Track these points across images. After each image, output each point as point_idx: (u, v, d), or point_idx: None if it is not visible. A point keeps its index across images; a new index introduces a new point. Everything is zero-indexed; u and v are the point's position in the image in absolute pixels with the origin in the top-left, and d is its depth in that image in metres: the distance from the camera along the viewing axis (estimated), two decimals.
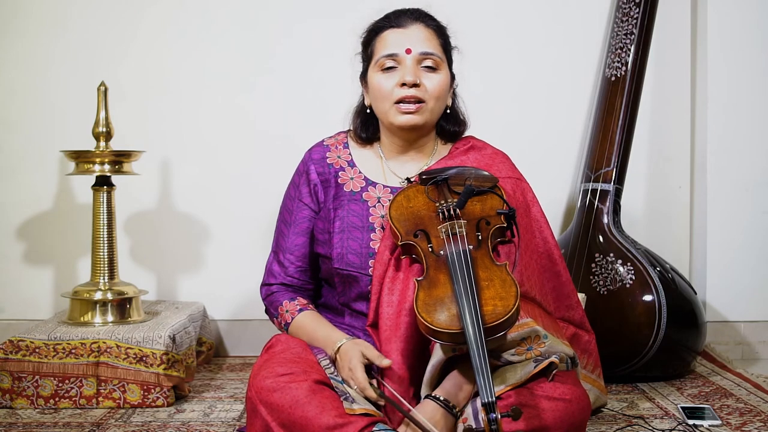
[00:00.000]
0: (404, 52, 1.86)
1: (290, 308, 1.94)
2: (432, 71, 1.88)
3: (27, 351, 2.24)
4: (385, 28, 1.91)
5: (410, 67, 1.86)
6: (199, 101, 2.87)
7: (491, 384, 1.42)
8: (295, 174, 2.04)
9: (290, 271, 1.98)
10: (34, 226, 2.87)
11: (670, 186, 2.94)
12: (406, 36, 1.88)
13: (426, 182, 1.84)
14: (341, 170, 1.98)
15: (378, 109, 1.92)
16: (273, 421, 1.66)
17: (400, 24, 1.90)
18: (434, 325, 1.55)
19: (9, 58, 2.85)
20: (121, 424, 2.09)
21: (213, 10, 2.86)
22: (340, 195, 1.96)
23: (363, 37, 1.98)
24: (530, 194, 1.96)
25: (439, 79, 1.88)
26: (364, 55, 1.98)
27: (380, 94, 1.89)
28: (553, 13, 2.90)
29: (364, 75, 1.97)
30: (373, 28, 1.95)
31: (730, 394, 2.29)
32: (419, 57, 1.87)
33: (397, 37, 1.88)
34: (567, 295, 1.99)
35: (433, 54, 1.88)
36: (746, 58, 2.81)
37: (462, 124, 2.00)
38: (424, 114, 1.88)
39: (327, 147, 2.01)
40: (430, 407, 1.63)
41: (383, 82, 1.88)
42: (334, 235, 1.92)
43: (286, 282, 1.99)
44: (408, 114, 1.87)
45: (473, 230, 1.71)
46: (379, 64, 1.89)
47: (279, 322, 1.97)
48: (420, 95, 1.86)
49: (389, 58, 1.87)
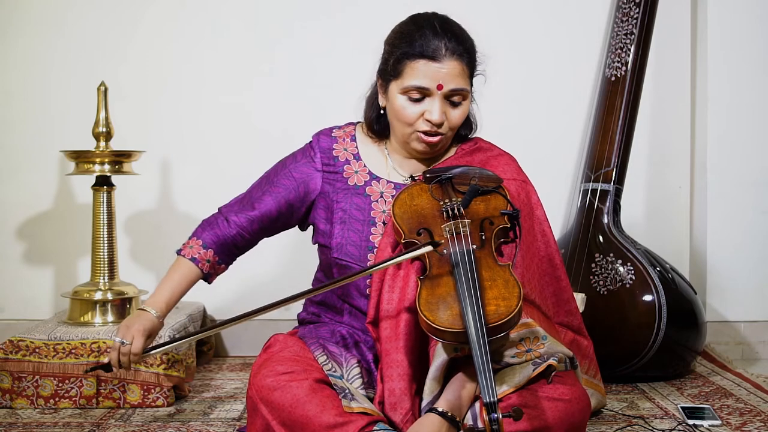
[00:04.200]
0: (436, 88, 1.82)
1: (193, 245, 2.01)
2: (457, 105, 1.86)
3: (27, 351, 2.23)
4: (419, 57, 1.81)
5: (438, 105, 1.82)
6: (199, 101, 2.87)
7: (493, 384, 1.42)
8: (299, 151, 2.02)
9: (241, 218, 1.99)
10: (34, 226, 2.87)
11: (670, 186, 2.95)
12: (439, 72, 1.81)
13: (430, 181, 1.84)
14: (346, 163, 1.98)
15: (396, 127, 1.91)
16: (273, 420, 1.66)
17: (435, 56, 1.80)
18: (436, 324, 1.55)
19: (9, 58, 2.85)
20: (121, 424, 2.09)
21: (213, 10, 2.86)
22: (343, 187, 1.96)
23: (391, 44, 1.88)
24: (534, 197, 1.96)
25: (461, 113, 1.87)
26: (389, 65, 1.87)
27: (403, 119, 1.86)
28: (553, 13, 2.90)
29: (385, 79, 1.89)
30: (404, 51, 1.83)
31: (730, 394, 2.29)
32: (449, 92, 1.83)
33: (429, 70, 1.81)
34: (566, 300, 1.99)
35: (464, 90, 1.84)
36: (746, 58, 2.82)
37: (471, 128, 2.01)
38: (442, 141, 1.89)
39: (335, 138, 2.00)
40: (434, 421, 1.61)
41: (408, 108, 1.84)
42: (335, 225, 1.93)
43: (229, 218, 2.00)
44: (428, 144, 1.87)
45: (477, 230, 1.71)
46: (406, 89, 1.83)
47: (183, 244, 2.02)
48: (442, 130, 1.86)
49: (418, 91, 1.83)
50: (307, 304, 2.10)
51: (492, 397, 1.41)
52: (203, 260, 1.99)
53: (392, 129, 1.94)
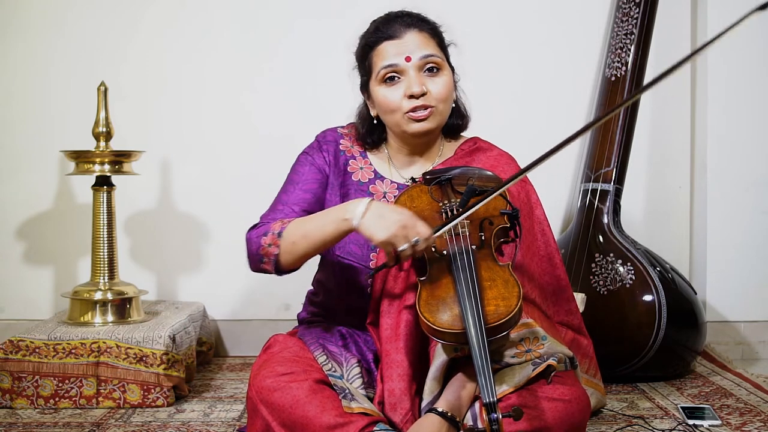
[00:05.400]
0: (404, 61, 1.84)
1: (281, 223, 1.79)
2: (435, 73, 1.86)
3: (27, 351, 2.23)
4: (380, 41, 1.87)
5: (414, 77, 1.84)
6: (199, 101, 2.87)
7: (493, 384, 1.42)
8: (308, 148, 2.00)
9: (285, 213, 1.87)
10: (34, 226, 2.87)
11: (670, 186, 2.95)
12: (402, 45, 1.85)
13: (430, 182, 1.84)
14: (352, 158, 1.98)
15: (388, 120, 1.91)
16: (273, 421, 1.66)
17: (394, 34, 1.86)
18: (436, 325, 1.55)
19: (9, 58, 2.85)
20: (121, 424, 2.09)
21: (213, 10, 2.86)
22: (347, 183, 1.96)
23: (357, 52, 1.95)
24: (534, 196, 1.96)
25: (443, 82, 1.87)
26: (361, 69, 1.95)
27: (388, 108, 1.87)
28: (553, 13, 2.90)
29: (366, 87, 1.94)
30: (367, 43, 1.91)
31: (730, 394, 2.29)
32: (420, 62, 1.85)
33: (393, 47, 1.85)
34: (566, 299, 1.99)
35: (433, 55, 1.86)
36: (746, 58, 2.81)
37: (464, 116, 2.00)
38: (435, 118, 1.88)
39: (341, 135, 2.01)
40: (434, 422, 1.61)
41: (389, 95, 1.86)
42: None
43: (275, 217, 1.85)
44: (420, 121, 1.86)
45: (476, 230, 1.71)
46: (380, 76, 1.86)
47: (268, 238, 1.78)
48: (428, 102, 1.85)
49: (390, 70, 1.85)
50: (307, 304, 2.10)
51: (492, 397, 1.41)
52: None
53: (388, 128, 1.95)
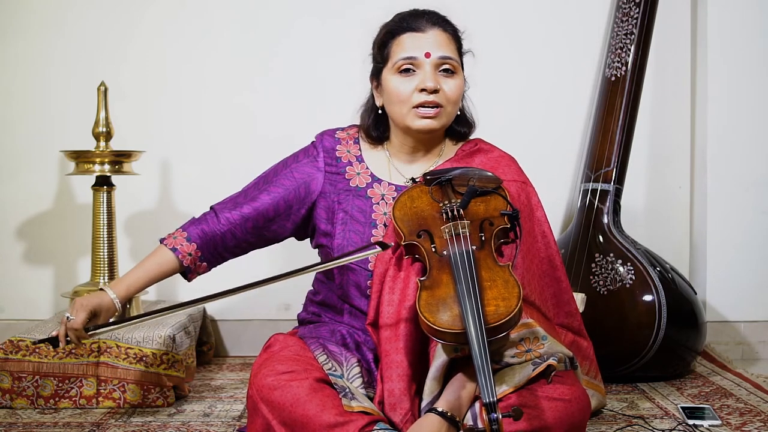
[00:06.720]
0: (423, 56, 1.85)
1: (177, 236, 2.00)
2: (450, 75, 1.87)
3: (27, 351, 2.23)
4: (403, 31, 1.89)
5: (430, 72, 1.85)
6: (199, 101, 2.87)
7: (493, 384, 1.42)
8: (302, 151, 2.03)
9: (235, 214, 1.98)
10: (34, 226, 2.87)
11: (670, 186, 2.95)
12: (424, 40, 1.86)
13: (430, 182, 1.84)
14: (349, 164, 1.98)
15: (393, 111, 1.91)
16: (274, 419, 1.66)
17: (418, 28, 1.88)
18: (437, 325, 1.55)
19: (9, 58, 2.85)
20: (121, 424, 2.09)
21: (213, 10, 2.86)
22: (345, 188, 1.96)
23: (377, 38, 1.95)
24: (535, 198, 1.96)
25: (456, 84, 1.88)
26: (378, 56, 1.95)
27: (397, 98, 1.88)
28: (553, 13, 2.90)
29: (377, 75, 1.94)
30: (389, 30, 1.92)
31: (730, 394, 2.30)
32: (438, 61, 1.86)
33: (415, 40, 1.87)
34: (567, 301, 2.00)
35: (451, 58, 1.87)
36: (746, 58, 2.82)
37: (470, 125, 2.01)
38: (441, 118, 1.88)
39: (338, 140, 2.01)
40: (434, 422, 1.61)
41: (401, 86, 1.87)
42: (337, 226, 1.93)
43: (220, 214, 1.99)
44: (427, 118, 1.87)
45: (477, 231, 1.71)
46: (396, 66, 1.87)
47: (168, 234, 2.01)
48: (439, 100, 1.86)
49: (408, 62, 1.86)
50: (307, 304, 2.11)
51: (491, 397, 1.41)
52: (184, 253, 1.98)
53: (392, 121, 1.95)
